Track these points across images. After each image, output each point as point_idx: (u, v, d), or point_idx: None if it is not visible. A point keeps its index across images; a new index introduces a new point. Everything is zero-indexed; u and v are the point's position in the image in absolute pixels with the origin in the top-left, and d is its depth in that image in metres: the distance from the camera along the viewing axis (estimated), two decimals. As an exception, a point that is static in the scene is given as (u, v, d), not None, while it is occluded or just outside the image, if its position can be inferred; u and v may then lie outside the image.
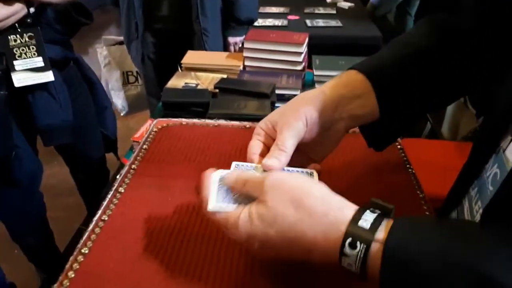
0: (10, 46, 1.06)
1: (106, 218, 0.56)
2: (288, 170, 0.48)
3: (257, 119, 0.91)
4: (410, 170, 0.67)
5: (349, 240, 0.36)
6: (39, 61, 1.11)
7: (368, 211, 0.38)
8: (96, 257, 0.50)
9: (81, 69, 1.37)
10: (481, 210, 0.46)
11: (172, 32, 1.79)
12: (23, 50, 1.08)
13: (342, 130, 0.53)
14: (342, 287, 0.46)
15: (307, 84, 1.26)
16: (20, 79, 1.09)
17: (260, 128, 0.52)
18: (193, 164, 0.67)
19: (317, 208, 0.39)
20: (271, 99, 1.05)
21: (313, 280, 0.47)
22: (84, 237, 0.53)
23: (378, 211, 0.38)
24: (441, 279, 0.32)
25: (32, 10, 1.06)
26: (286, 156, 0.47)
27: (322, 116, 0.50)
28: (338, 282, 0.46)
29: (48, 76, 1.12)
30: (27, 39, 1.08)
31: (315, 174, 0.48)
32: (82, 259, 0.50)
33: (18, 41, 1.07)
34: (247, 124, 0.79)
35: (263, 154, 0.49)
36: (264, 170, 0.46)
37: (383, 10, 3.24)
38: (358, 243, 0.36)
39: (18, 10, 1.01)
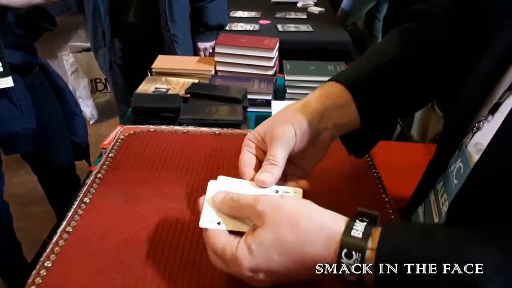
0: None
1: (71, 230, 0.55)
2: (277, 191, 0.48)
3: (228, 124, 0.92)
4: (375, 174, 0.68)
5: (345, 250, 0.38)
6: None
7: (357, 220, 0.40)
8: (59, 270, 0.49)
9: (48, 75, 1.34)
10: (447, 203, 0.49)
11: (141, 38, 1.76)
12: None
13: (328, 139, 0.54)
14: None
15: (279, 89, 1.27)
16: None
17: (250, 140, 0.53)
18: (160, 172, 0.66)
19: (312, 225, 0.40)
20: (243, 104, 1.05)
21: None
22: (48, 250, 0.51)
23: (366, 220, 0.40)
24: (428, 278, 0.34)
25: None
26: (279, 170, 0.48)
27: (310, 127, 0.51)
28: None
29: (7, 82, 1.08)
30: None
31: (300, 191, 0.48)
32: (45, 273, 0.48)
33: None
34: (217, 130, 0.79)
35: (255, 166, 0.51)
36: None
37: (353, 18, 3.31)
38: (353, 252, 0.37)
39: None
